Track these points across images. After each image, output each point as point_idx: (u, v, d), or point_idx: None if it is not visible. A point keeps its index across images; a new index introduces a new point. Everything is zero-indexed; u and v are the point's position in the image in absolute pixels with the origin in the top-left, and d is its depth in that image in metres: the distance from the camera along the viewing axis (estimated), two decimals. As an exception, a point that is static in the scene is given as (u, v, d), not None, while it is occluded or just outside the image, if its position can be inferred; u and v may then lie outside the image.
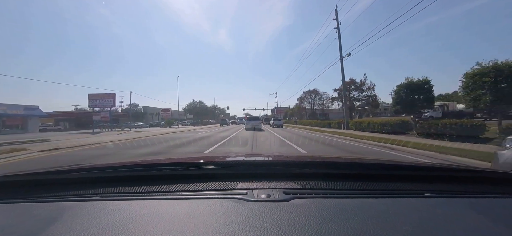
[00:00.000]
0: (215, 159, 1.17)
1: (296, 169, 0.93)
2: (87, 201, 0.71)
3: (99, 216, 0.59)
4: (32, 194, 0.80)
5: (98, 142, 10.72)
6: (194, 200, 0.69)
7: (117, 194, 0.77)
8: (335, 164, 1.07)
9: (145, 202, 0.69)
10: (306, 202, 0.66)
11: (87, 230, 0.52)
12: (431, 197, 0.73)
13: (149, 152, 7.84)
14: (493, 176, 0.92)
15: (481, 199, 0.72)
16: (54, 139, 13.74)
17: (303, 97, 48.11)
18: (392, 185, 0.80)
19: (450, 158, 5.58)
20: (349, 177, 0.85)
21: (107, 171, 0.95)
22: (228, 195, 0.72)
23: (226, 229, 0.51)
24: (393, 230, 0.51)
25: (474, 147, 6.85)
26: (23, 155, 7.19)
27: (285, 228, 0.51)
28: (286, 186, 0.77)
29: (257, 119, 22.33)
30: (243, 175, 0.87)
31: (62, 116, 44.71)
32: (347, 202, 0.66)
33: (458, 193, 0.76)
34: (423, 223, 0.55)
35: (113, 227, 0.53)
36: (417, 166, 1.05)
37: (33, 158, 6.75)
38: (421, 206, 0.65)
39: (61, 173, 0.96)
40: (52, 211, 0.64)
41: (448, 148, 6.78)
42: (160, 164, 1.03)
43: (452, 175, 0.92)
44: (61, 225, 0.55)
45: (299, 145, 9.04)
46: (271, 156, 1.37)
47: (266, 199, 0.67)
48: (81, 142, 10.51)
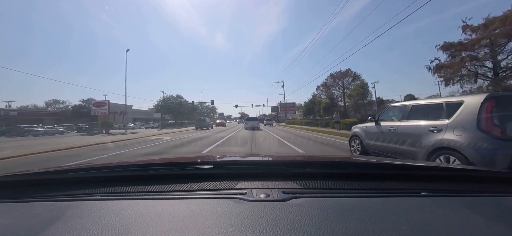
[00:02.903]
0: (214, 158, 1.17)
1: (295, 168, 0.93)
2: (88, 201, 0.71)
3: (100, 215, 0.59)
4: (32, 194, 0.80)
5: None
6: (193, 200, 0.69)
7: (117, 193, 0.77)
8: (333, 163, 1.08)
9: (145, 202, 0.69)
10: (305, 201, 0.66)
11: (87, 230, 0.52)
12: (428, 196, 0.73)
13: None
14: (491, 175, 0.93)
15: (479, 198, 0.73)
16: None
17: (330, 83, 36.39)
18: (389, 184, 0.81)
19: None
20: (347, 176, 0.86)
21: (107, 171, 0.94)
22: (227, 194, 0.72)
23: (226, 229, 0.51)
24: (391, 229, 0.52)
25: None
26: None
27: (284, 227, 0.51)
28: (285, 185, 0.77)
29: (255, 119, 24.01)
30: (242, 175, 0.87)
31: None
32: (345, 202, 0.66)
33: (455, 192, 0.76)
34: (421, 222, 0.55)
35: (113, 227, 0.53)
36: (414, 165, 1.06)
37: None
38: (418, 205, 0.65)
39: (61, 172, 0.96)
40: (53, 211, 0.64)
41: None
42: (160, 164, 1.02)
43: (449, 174, 0.92)
44: (62, 225, 0.56)
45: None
46: (270, 156, 1.37)
47: (265, 199, 0.68)
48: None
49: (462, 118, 3.16)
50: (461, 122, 3.15)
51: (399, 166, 1.05)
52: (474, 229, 0.53)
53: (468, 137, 2.98)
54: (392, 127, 4.41)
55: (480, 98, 3.08)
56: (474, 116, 3.00)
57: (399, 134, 4.16)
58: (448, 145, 3.16)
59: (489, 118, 2.90)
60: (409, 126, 3.99)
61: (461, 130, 3.10)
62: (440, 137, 3.30)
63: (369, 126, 5.25)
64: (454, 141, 3.10)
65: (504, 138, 2.79)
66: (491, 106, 2.94)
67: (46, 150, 8.66)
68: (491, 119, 2.90)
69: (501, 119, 2.88)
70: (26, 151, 8.74)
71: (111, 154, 7.62)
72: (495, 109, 2.92)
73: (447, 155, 3.17)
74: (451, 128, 3.23)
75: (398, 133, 4.20)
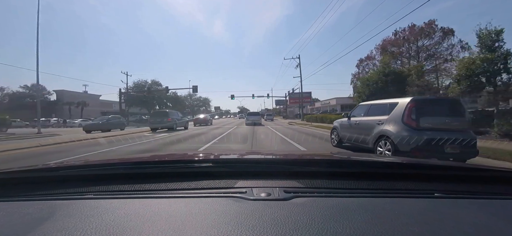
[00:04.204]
0: (213, 156, 1.15)
1: (297, 167, 0.92)
2: (80, 200, 0.69)
3: (92, 215, 0.57)
4: (22, 192, 0.77)
5: None
6: (192, 199, 0.68)
7: (111, 192, 0.75)
8: (337, 162, 1.06)
9: (141, 201, 0.67)
10: (307, 201, 0.64)
11: (79, 230, 0.50)
12: (441, 197, 0.70)
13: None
14: (508, 175, 0.88)
15: (495, 200, 0.70)
16: None
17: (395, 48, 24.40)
18: (398, 184, 0.78)
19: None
20: (352, 175, 0.84)
21: (100, 169, 0.93)
22: (227, 193, 0.70)
23: (225, 229, 0.50)
24: (400, 231, 0.49)
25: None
26: None
27: (286, 227, 0.50)
28: (287, 184, 0.76)
29: (257, 114, 23.77)
30: (242, 173, 0.85)
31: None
32: (350, 202, 0.64)
33: (470, 194, 0.74)
34: (433, 225, 0.53)
35: (107, 227, 0.52)
36: (426, 164, 1.03)
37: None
38: (430, 207, 0.63)
39: (52, 170, 0.94)
40: (43, 210, 0.62)
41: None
42: (156, 161, 1.02)
43: (464, 174, 0.90)
44: (53, 225, 0.54)
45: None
46: (271, 154, 1.35)
47: (266, 198, 0.66)
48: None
49: (395, 114, 4.45)
50: (393, 117, 4.45)
51: (409, 165, 1.02)
52: (490, 233, 0.52)
53: (396, 128, 4.30)
54: (357, 121, 5.72)
55: (407, 100, 4.36)
56: (401, 113, 4.30)
57: (360, 126, 5.49)
58: (385, 133, 4.48)
59: (409, 114, 4.18)
60: (367, 120, 5.31)
61: (392, 123, 4.42)
62: (381, 128, 4.63)
63: (344, 120, 6.59)
64: (388, 130, 4.42)
65: (418, 128, 4.10)
66: (412, 106, 4.23)
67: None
68: (410, 115, 4.18)
69: (417, 114, 4.17)
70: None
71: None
72: (414, 109, 4.21)
73: (385, 140, 4.47)
74: (388, 121, 4.55)
75: (359, 126, 5.54)
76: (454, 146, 3.83)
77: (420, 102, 4.42)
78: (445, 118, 4.25)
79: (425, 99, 4.78)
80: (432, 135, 3.95)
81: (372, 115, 5.21)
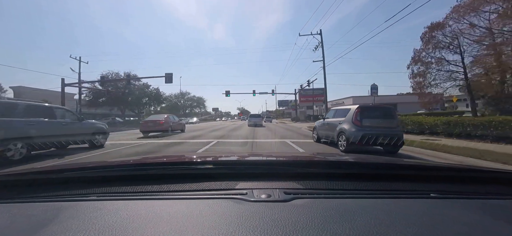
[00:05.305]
0: (214, 158, 1.15)
1: (297, 168, 0.92)
2: (84, 201, 0.70)
3: (96, 216, 0.58)
4: (26, 194, 0.78)
5: None
6: (193, 200, 0.69)
7: (114, 193, 0.76)
8: (337, 163, 1.08)
9: (143, 202, 0.68)
10: (307, 202, 0.65)
11: (83, 231, 0.51)
12: (438, 198, 0.71)
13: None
14: (504, 176, 0.88)
15: (491, 201, 0.71)
16: None
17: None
18: (396, 185, 0.80)
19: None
20: (352, 176, 0.85)
21: (104, 170, 0.93)
22: (227, 195, 0.71)
23: (226, 230, 0.50)
24: (398, 232, 0.50)
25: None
26: None
27: (286, 228, 0.50)
28: (287, 186, 0.76)
29: (258, 116, 24.96)
30: (242, 175, 0.86)
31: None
32: (349, 203, 0.65)
33: (467, 194, 0.75)
34: (430, 225, 0.54)
35: (110, 228, 0.52)
36: (423, 165, 1.05)
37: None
38: (427, 207, 0.64)
39: (56, 172, 0.94)
40: (48, 211, 0.63)
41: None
42: (158, 163, 1.04)
43: (460, 175, 0.90)
44: (57, 226, 0.54)
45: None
46: (271, 155, 1.36)
47: (266, 199, 0.67)
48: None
49: (349, 116, 6.26)
50: (348, 119, 6.26)
51: (406, 166, 1.04)
52: (484, 233, 0.53)
53: (348, 126, 6.12)
54: (328, 122, 7.53)
55: (355, 107, 6.16)
56: (351, 116, 6.09)
57: (330, 126, 7.29)
58: (342, 130, 6.29)
59: (356, 116, 5.98)
60: (333, 121, 7.11)
61: (347, 123, 6.24)
62: (341, 126, 6.42)
63: (320, 121, 8.41)
64: (344, 128, 6.22)
65: (362, 126, 5.91)
66: (358, 111, 6.03)
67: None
68: (357, 117, 5.98)
69: (361, 117, 5.98)
70: None
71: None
72: (359, 113, 6.02)
73: (342, 136, 6.24)
74: (344, 121, 6.36)
75: (330, 125, 7.34)
76: (385, 139, 5.60)
77: (364, 108, 6.27)
78: (381, 120, 6.09)
79: (367, 106, 6.65)
80: (370, 131, 5.74)
81: (337, 117, 7.00)
